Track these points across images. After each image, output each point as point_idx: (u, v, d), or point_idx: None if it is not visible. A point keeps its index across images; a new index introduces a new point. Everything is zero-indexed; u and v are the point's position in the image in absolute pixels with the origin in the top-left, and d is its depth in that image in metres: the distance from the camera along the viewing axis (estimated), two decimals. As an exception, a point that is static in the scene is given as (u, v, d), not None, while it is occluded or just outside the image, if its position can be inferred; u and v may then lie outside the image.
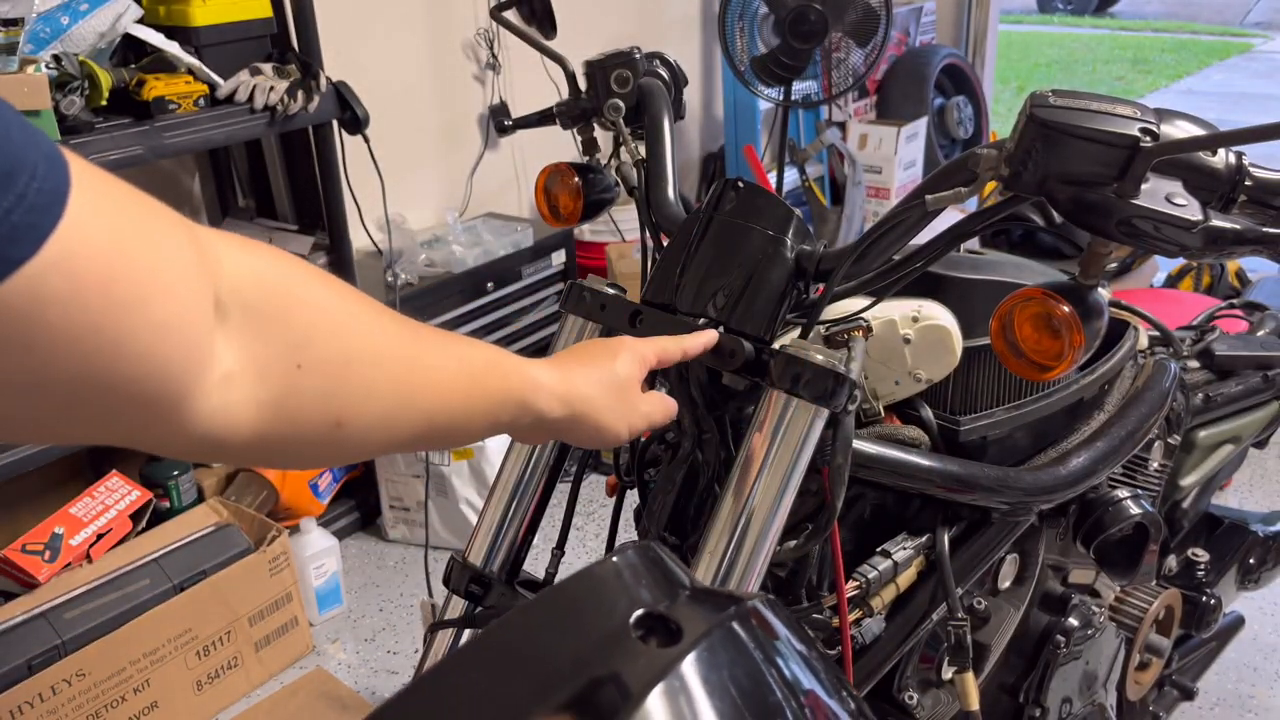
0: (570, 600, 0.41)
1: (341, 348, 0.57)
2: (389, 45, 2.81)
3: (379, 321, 0.60)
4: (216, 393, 0.50)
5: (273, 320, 0.53)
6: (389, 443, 0.62)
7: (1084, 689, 1.33)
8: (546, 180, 1.21)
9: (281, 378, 0.53)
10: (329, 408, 0.56)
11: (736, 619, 0.41)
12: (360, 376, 0.58)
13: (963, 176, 0.84)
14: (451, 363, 0.65)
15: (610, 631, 0.39)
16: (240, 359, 0.51)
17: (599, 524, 2.70)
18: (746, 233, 0.93)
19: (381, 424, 0.60)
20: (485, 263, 2.79)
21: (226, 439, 0.52)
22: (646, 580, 0.42)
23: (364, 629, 2.36)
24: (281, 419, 0.54)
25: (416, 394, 0.62)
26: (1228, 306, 1.74)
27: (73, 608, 1.91)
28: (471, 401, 0.66)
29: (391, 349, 0.61)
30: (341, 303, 0.58)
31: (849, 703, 0.44)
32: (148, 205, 0.46)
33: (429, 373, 0.63)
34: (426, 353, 0.64)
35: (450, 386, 0.65)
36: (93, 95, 1.89)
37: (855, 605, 1.05)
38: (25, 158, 0.39)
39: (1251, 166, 0.79)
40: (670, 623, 0.40)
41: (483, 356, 0.68)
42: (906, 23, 4.44)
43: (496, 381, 0.68)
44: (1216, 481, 1.62)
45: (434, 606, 1.13)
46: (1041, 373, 0.86)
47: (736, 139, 3.84)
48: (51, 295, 0.40)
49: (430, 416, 0.63)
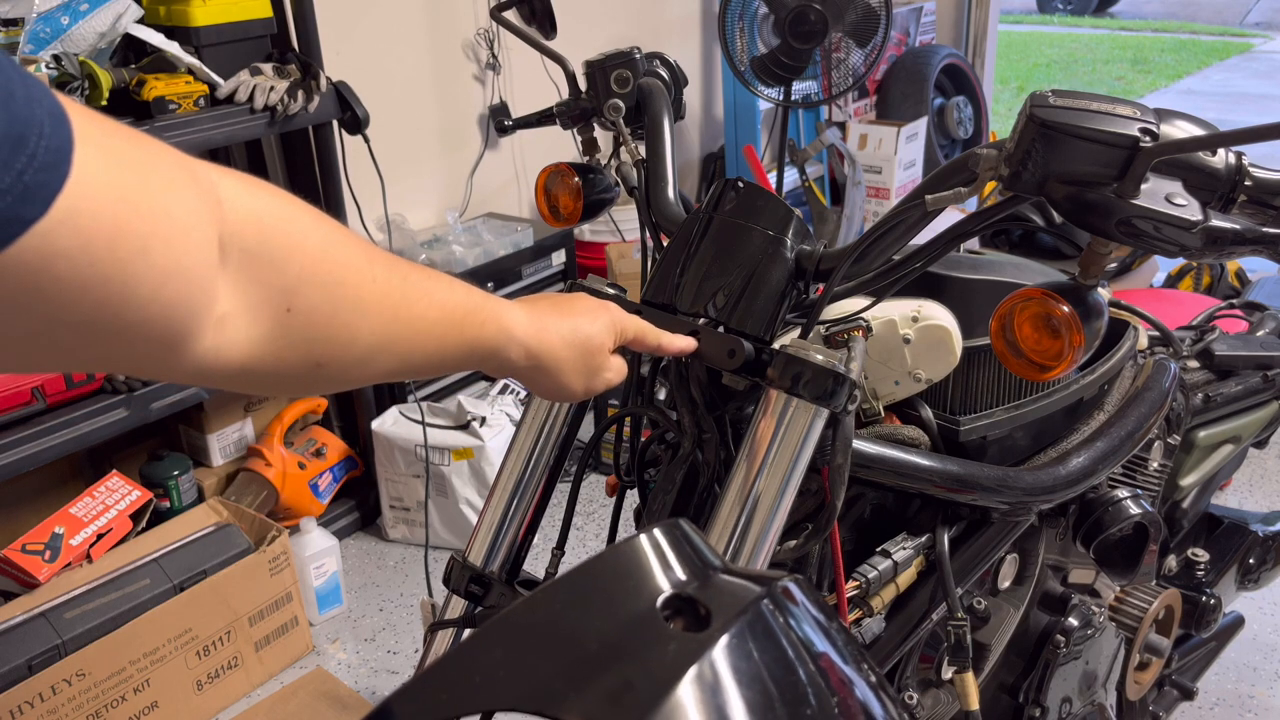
0: (596, 580, 0.40)
1: (330, 296, 0.59)
2: (389, 45, 2.81)
3: (370, 269, 0.62)
4: (212, 332, 0.52)
5: (269, 264, 0.54)
6: (362, 379, 0.66)
7: (1084, 689, 1.33)
8: (546, 180, 1.21)
9: (271, 319, 0.55)
10: (312, 350, 0.59)
11: (767, 600, 0.40)
12: (345, 324, 0.60)
13: (962, 177, 0.84)
14: (433, 310, 0.67)
15: (637, 613, 0.39)
16: (235, 300, 0.53)
17: (599, 524, 2.70)
18: (746, 233, 0.93)
19: (359, 365, 0.63)
20: (485, 263, 2.79)
21: (215, 371, 0.54)
22: (674, 560, 0.41)
23: (364, 629, 2.36)
24: (267, 357, 0.56)
25: (396, 340, 0.65)
26: (1227, 306, 1.74)
27: (73, 608, 1.91)
28: (446, 345, 0.70)
29: (378, 298, 0.62)
30: (336, 249, 0.60)
31: (871, 676, 0.43)
32: (149, 151, 0.47)
33: (411, 321, 0.66)
34: (411, 300, 0.66)
35: (429, 333, 0.67)
36: (93, 95, 1.89)
37: (855, 605, 1.05)
38: (33, 117, 0.39)
39: (1251, 166, 0.79)
40: (699, 606, 0.39)
41: (464, 304, 0.71)
42: (906, 23, 4.44)
43: (473, 330, 0.71)
44: (1216, 481, 1.62)
45: (434, 606, 1.13)
46: (1041, 373, 0.86)
47: (736, 139, 3.84)
48: (62, 250, 0.41)
49: (406, 358, 0.67)
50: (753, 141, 3.79)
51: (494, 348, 0.74)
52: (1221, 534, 1.67)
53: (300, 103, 2.18)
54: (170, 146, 0.48)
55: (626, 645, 0.38)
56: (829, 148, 3.94)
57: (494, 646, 0.38)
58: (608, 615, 0.38)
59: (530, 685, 0.37)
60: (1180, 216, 0.75)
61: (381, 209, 2.56)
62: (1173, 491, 1.47)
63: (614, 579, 0.40)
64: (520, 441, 1.06)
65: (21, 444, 1.92)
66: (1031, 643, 1.28)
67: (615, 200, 1.23)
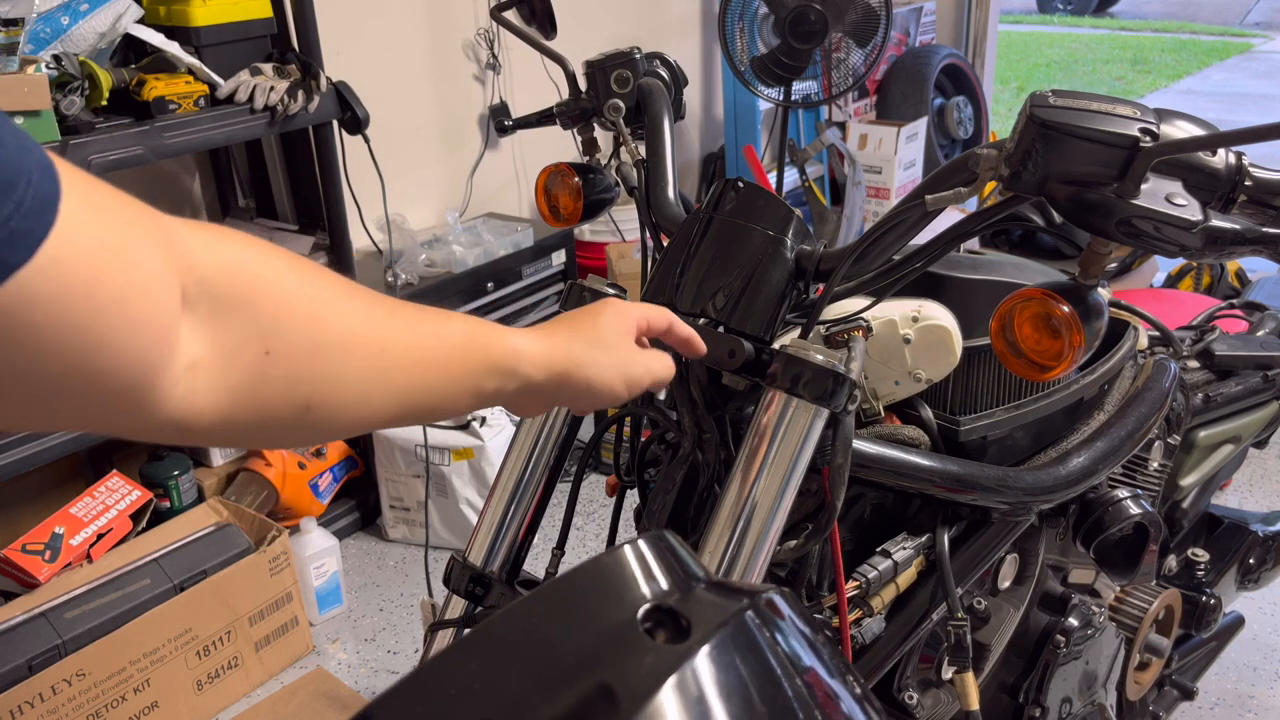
0: (577, 591, 0.40)
1: (310, 333, 0.57)
2: (389, 45, 2.81)
3: (351, 304, 0.61)
4: (183, 380, 0.52)
5: (240, 308, 0.54)
6: (365, 422, 0.63)
7: (1084, 689, 1.33)
8: (547, 180, 1.21)
9: (250, 363, 0.55)
10: (296, 392, 0.57)
11: (749, 613, 0.40)
12: (330, 361, 0.59)
13: (963, 177, 0.84)
14: (428, 340, 0.65)
15: (617, 625, 0.38)
16: (206, 347, 0.53)
17: (599, 524, 2.70)
18: (747, 233, 0.93)
19: (354, 405, 0.61)
20: (485, 263, 2.79)
21: (192, 423, 0.54)
22: (657, 571, 0.41)
23: (364, 629, 2.36)
24: (249, 403, 0.55)
25: (391, 374, 0.62)
26: (1227, 306, 1.74)
27: (73, 608, 1.91)
28: (451, 375, 0.67)
29: (363, 331, 0.61)
30: (312, 288, 0.59)
31: (856, 689, 0.43)
32: (126, 206, 0.47)
33: (404, 352, 0.64)
34: (400, 332, 0.64)
35: (428, 362, 0.65)
36: (93, 95, 1.89)
37: (855, 605, 1.05)
38: (21, 165, 0.40)
39: (1251, 167, 0.79)
40: (680, 618, 0.39)
41: (460, 330, 0.68)
42: (906, 23, 4.44)
43: (476, 353, 0.68)
44: (1216, 481, 1.62)
45: (434, 606, 1.13)
46: (1041, 373, 0.86)
47: (736, 139, 3.84)
48: (41, 296, 0.42)
49: (408, 394, 0.64)
50: (753, 141, 3.79)
51: (506, 368, 0.70)
52: (1221, 534, 1.67)
53: (300, 103, 2.18)
54: (141, 202, 0.49)
55: (605, 656, 0.37)
56: (829, 148, 3.94)
57: (471, 659, 0.37)
58: (587, 627, 0.38)
59: (506, 698, 0.37)
60: (1180, 216, 0.75)
61: (382, 209, 2.56)
62: (1173, 491, 1.47)
63: (595, 591, 0.40)
64: (520, 441, 1.06)
65: (21, 444, 1.92)
66: (1032, 643, 1.28)
67: (615, 200, 1.23)
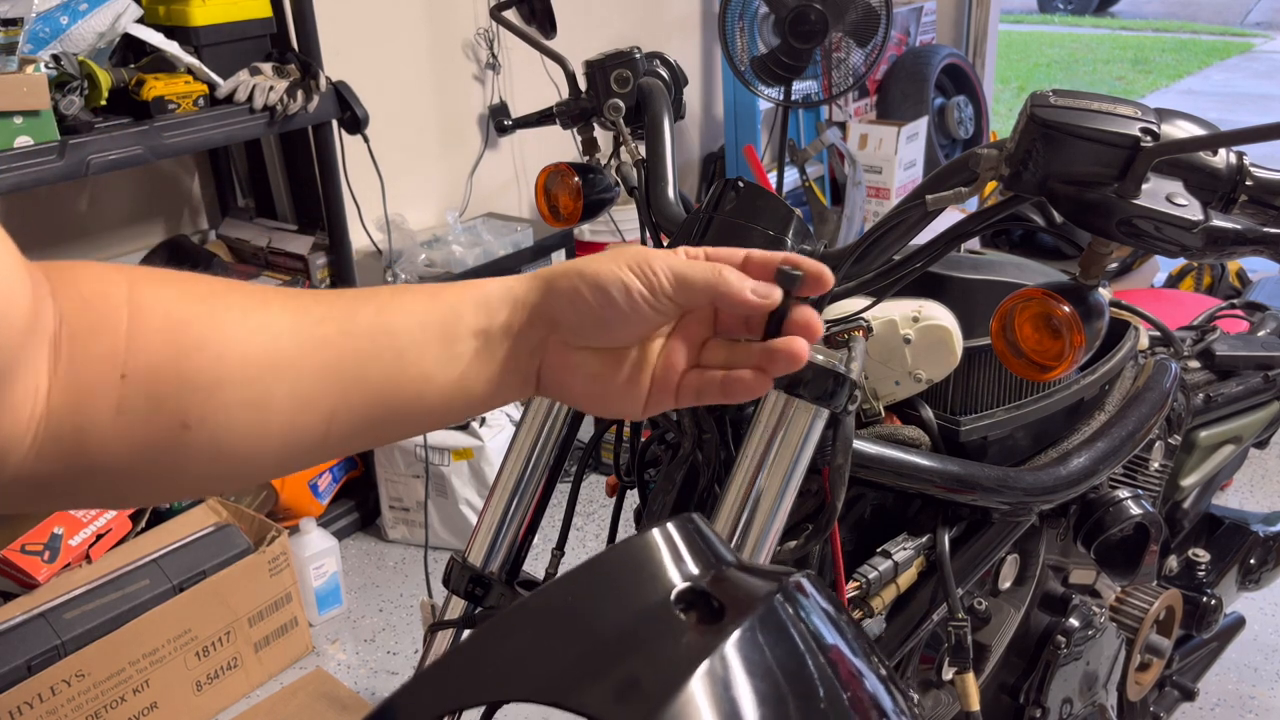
0: (612, 572, 0.40)
1: (169, 344, 0.51)
2: (389, 45, 2.81)
3: (225, 304, 0.53)
4: (22, 411, 0.48)
5: (93, 336, 0.50)
6: (282, 435, 0.54)
7: (1085, 689, 1.33)
8: (546, 180, 1.21)
9: (107, 393, 0.50)
10: (165, 410, 0.51)
11: (779, 595, 0.40)
12: (198, 370, 0.51)
13: (963, 176, 0.84)
14: (339, 324, 0.56)
15: (652, 607, 0.39)
16: (54, 381, 0.49)
17: (599, 524, 2.69)
18: (746, 232, 0.92)
19: (248, 416, 0.53)
20: (485, 263, 2.79)
21: (36, 468, 0.49)
22: (687, 554, 0.42)
23: (364, 629, 2.36)
24: (119, 435, 0.50)
25: (287, 373, 0.54)
26: (1228, 306, 1.74)
27: (72, 608, 1.91)
28: (428, 328, 0.57)
29: (237, 330, 0.53)
30: (174, 298, 0.52)
31: (880, 670, 0.44)
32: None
33: (327, 339, 0.55)
34: (317, 307, 0.56)
35: (353, 351, 0.55)
36: (92, 95, 1.89)
37: (856, 606, 1.05)
38: None
39: (1252, 166, 0.79)
40: (712, 599, 0.39)
41: (426, 288, 0.59)
42: (907, 23, 4.44)
43: (453, 294, 0.59)
44: (1217, 482, 1.61)
45: (434, 607, 1.12)
46: (1042, 373, 0.85)
47: (736, 139, 3.84)
48: None
49: (327, 395, 0.54)
50: (753, 141, 3.79)
51: (496, 297, 0.58)
52: (1222, 534, 1.67)
53: (300, 102, 2.18)
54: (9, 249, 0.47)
55: (640, 637, 0.38)
56: (829, 148, 3.94)
57: (507, 637, 0.38)
58: (621, 607, 0.39)
59: (544, 676, 0.37)
60: (1181, 216, 0.74)
61: (381, 209, 2.56)
62: (1174, 492, 1.47)
63: (628, 572, 0.41)
64: (520, 441, 1.06)
65: None
66: (1032, 643, 1.27)
67: (615, 200, 1.23)
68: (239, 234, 2.54)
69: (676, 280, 0.57)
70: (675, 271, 0.57)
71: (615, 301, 0.57)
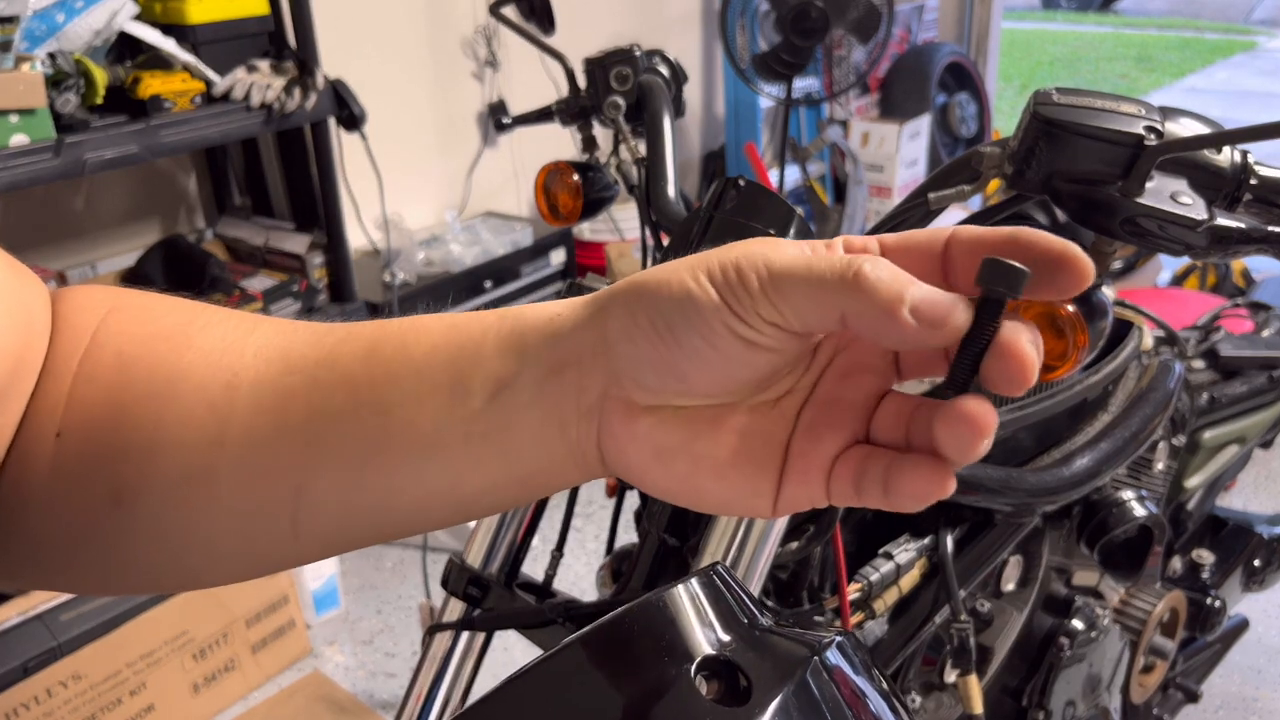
0: (626, 637, 0.35)
1: (105, 402, 0.42)
2: (387, 42, 2.80)
3: (195, 342, 0.43)
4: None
5: (44, 380, 0.43)
6: (255, 526, 0.42)
7: (1088, 692, 1.32)
8: (546, 179, 1.20)
9: (42, 454, 0.42)
10: (98, 478, 0.42)
11: (809, 671, 0.35)
12: (133, 428, 0.42)
13: (966, 174, 0.83)
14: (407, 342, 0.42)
15: (670, 680, 0.34)
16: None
17: (598, 525, 2.69)
18: (747, 231, 0.91)
19: (184, 491, 0.41)
20: (484, 262, 2.78)
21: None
22: (712, 615, 0.36)
23: (361, 631, 2.35)
24: (50, 506, 0.42)
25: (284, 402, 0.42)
26: (1233, 306, 1.73)
27: (69, 609, 1.90)
28: (461, 364, 0.40)
29: (198, 383, 0.42)
30: (141, 333, 0.43)
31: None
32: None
33: (318, 364, 0.42)
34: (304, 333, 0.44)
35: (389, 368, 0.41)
36: (88, 93, 1.88)
37: (857, 608, 1.04)
38: None
39: (1257, 165, 0.78)
40: (739, 672, 0.35)
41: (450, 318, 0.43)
42: (908, 20, 4.43)
43: (479, 325, 0.41)
44: (1221, 483, 1.61)
45: (432, 609, 1.11)
46: (1045, 373, 0.84)
47: (737, 137, 3.83)
48: None
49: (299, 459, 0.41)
50: (754, 139, 3.78)
51: (534, 329, 0.40)
52: (1226, 536, 1.66)
53: (297, 100, 2.17)
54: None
55: (657, 715, 0.34)
56: (831, 146, 3.93)
57: (513, 710, 0.34)
58: (638, 679, 0.34)
59: None
60: (1185, 215, 0.73)
61: (379, 208, 2.55)
62: (1178, 493, 1.46)
63: (646, 637, 0.35)
64: (517, 443, 1.05)
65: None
66: (1035, 645, 1.27)
67: (615, 199, 1.22)
68: (236, 233, 2.53)
69: (774, 285, 0.35)
70: (775, 271, 0.35)
71: (679, 327, 0.36)
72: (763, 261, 0.35)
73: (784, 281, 0.34)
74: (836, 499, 0.38)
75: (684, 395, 0.38)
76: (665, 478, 0.39)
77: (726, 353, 0.36)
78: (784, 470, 0.38)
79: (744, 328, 0.35)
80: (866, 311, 0.33)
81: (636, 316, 0.37)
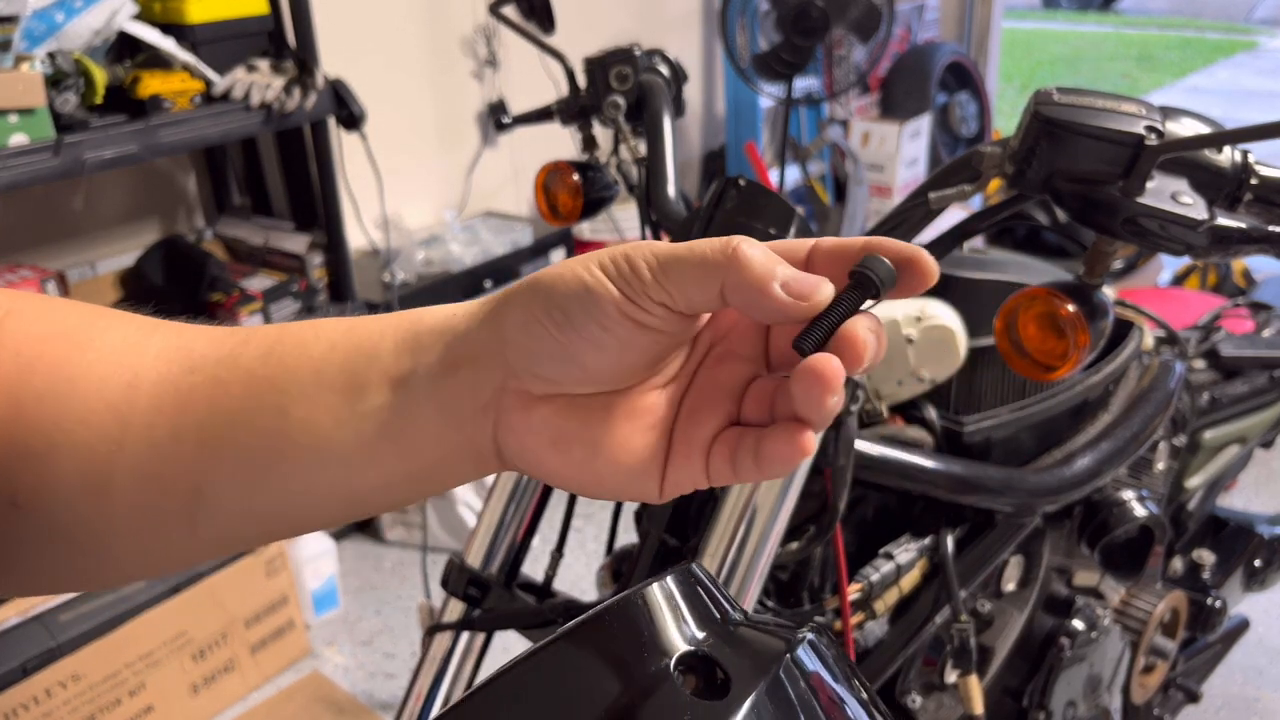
0: (604, 635, 0.36)
1: (12, 394, 0.41)
2: (386, 42, 2.80)
3: (97, 341, 0.43)
4: None
5: None
6: (151, 524, 0.42)
7: (1089, 692, 1.32)
8: (546, 178, 1.20)
9: None
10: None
11: (784, 664, 0.38)
12: (26, 433, 0.41)
13: (967, 174, 0.83)
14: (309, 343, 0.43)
15: (649, 675, 0.35)
16: None
17: (598, 526, 2.68)
18: (748, 231, 0.91)
19: (79, 491, 0.41)
20: (484, 262, 2.77)
21: None
22: (687, 612, 0.38)
23: (361, 631, 2.35)
24: None
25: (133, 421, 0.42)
26: (1233, 306, 1.73)
27: (68, 610, 1.90)
28: (355, 364, 0.42)
29: (98, 382, 0.42)
30: (42, 331, 0.43)
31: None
32: None
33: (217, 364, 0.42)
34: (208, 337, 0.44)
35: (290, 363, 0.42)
36: (88, 93, 1.87)
37: (858, 608, 1.04)
38: None
39: (1258, 165, 0.78)
40: (717, 667, 0.36)
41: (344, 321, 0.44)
42: (909, 19, 4.42)
43: (375, 326, 0.43)
44: (1222, 483, 1.60)
45: (432, 609, 1.11)
46: (1046, 373, 0.84)
47: (738, 136, 3.82)
48: None
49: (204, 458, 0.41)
50: (754, 139, 3.77)
51: (429, 330, 0.42)
52: (1227, 536, 1.66)
53: (296, 100, 2.16)
54: None
55: (640, 713, 0.34)
56: (831, 145, 3.92)
57: (492, 710, 0.35)
58: (617, 676, 0.35)
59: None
60: (1186, 215, 0.73)
61: (379, 207, 2.55)
62: (1178, 493, 1.46)
63: (624, 634, 0.36)
64: (517, 443, 1.05)
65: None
66: (1036, 646, 1.26)
67: (615, 198, 1.22)
68: (235, 233, 2.52)
69: (662, 269, 0.38)
70: (662, 259, 0.38)
71: (577, 317, 0.38)
72: (650, 251, 0.39)
73: (671, 265, 0.38)
74: (715, 478, 0.41)
75: (581, 383, 0.40)
76: (563, 465, 0.41)
77: (621, 337, 0.39)
78: (669, 454, 0.41)
79: (637, 310, 0.38)
80: (743, 284, 0.37)
81: (534, 310, 0.39)
